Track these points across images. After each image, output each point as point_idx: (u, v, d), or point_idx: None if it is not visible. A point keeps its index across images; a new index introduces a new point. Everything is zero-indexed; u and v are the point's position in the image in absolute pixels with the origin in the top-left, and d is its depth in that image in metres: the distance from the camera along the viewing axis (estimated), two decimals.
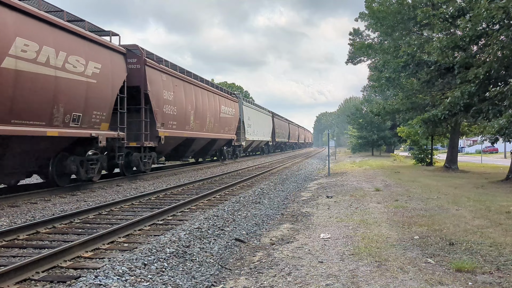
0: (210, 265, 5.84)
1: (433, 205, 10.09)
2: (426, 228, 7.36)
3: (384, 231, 7.24)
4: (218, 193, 12.78)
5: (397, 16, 22.46)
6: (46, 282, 4.98)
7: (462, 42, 15.20)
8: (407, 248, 6.09)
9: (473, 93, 14.62)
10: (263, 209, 10.37)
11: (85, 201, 10.96)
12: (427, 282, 4.63)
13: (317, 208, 10.27)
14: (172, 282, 5.01)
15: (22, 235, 7.14)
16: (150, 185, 14.77)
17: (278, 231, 7.84)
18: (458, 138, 27.14)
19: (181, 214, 9.51)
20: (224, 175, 19.17)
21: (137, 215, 9.11)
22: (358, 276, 4.90)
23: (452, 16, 16.78)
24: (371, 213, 9.15)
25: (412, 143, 30.89)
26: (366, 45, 29.26)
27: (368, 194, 12.46)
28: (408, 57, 18.35)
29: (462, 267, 5.06)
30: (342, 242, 6.55)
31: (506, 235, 6.79)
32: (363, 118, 49.99)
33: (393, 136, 46.88)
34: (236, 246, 6.89)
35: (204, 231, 7.42)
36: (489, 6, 13.35)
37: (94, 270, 5.19)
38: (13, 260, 5.80)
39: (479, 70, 14.18)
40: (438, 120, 17.09)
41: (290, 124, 67.50)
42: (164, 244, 6.30)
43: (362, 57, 41.28)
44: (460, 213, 8.87)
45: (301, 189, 15.15)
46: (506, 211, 9.00)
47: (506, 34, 13.27)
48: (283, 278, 4.96)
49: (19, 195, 11.12)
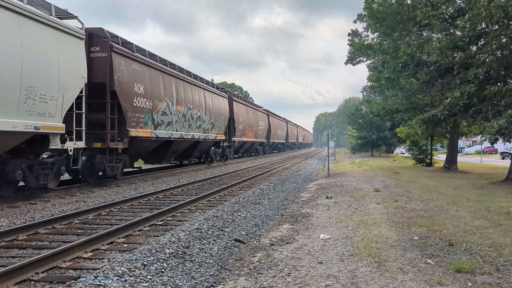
0: (209, 266, 5.84)
1: (432, 205, 10.09)
2: (426, 229, 7.36)
3: (383, 232, 7.24)
4: (218, 193, 12.79)
5: (396, 16, 22.44)
6: (45, 283, 4.97)
7: (462, 43, 15.20)
8: (406, 249, 6.09)
9: (473, 93, 14.63)
10: (263, 209, 10.37)
11: (84, 202, 10.95)
12: (426, 283, 4.63)
13: (317, 208, 10.27)
14: (171, 283, 5.01)
15: (22, 235, 7.14)
16: (150, 186, 14.77)
17: (277, 232, 7.84)
18: (458, 139, 27.16)
19: (181, 214, 9.51)
20: (222, 175, 19.14)
21: (137, 215, 9.11)
22: (357, 276, 4.89)
23: (451, 16, 16.79)
24: (370, 213, 9.15)
25: (412, 144, 30.91)
26: (365, 45, 29.28)
27: (368, 194, 12.46)
28: (408, 57, 18.36)
29: (462, 267, 5.06)
30: (342, 243, 6.55)
31: (506, 235, 6.79)
32: (362, 119, 50.00)
33: (393, 136, 46.88)
34: (236, 247, 6.89)
35: (203, 232, 7.42)
36: (488, 5, 13.36)
37: (94, 270, 5.19)
38: (13, 260, 5.80)
39: (479, 70, 14.19)
40: (438, 120, 17.10)
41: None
42: (164, 244, 6.30)
43: (362, 58, 41.27)
44: (460, 214, 8.87)
45: (300, 190, 15.15)
46: (506, 212, 9.00)
47: (505, 33, 13.27)
48: (282, 278, 4.96)
49: (18, 195, 11.11)
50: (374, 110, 25.41)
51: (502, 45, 13.76)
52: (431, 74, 17.89)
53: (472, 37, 14.68)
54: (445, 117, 16.55)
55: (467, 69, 15.48)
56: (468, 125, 25.68)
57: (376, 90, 37.78)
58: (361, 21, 31.37)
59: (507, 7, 12.75)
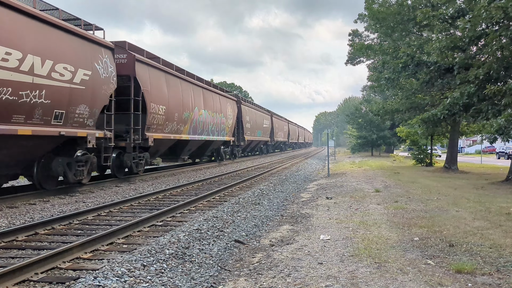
0: (209, 266, 5.83)
1: (433, 206, 10.08)
2: (426, 230, 7.35)
3: (384, 233, 7.23)
4: (218, 194, 12.78)
5: (396, 17, 22.47)
6: (45, 283, 4.97)
7: (462, 43, 15.20)
8: (407, 250, 6.08)
9: (473, 93, 14.62)
10: (263, 210, 10.36)
11: (84, 202, 10.94)
12: (426, 284, 4.62)
13: (317, 209, 10.26)
14: (171, 283, 5.00)
15: (21, 236, 7.13)
16: (149, 186, 14.75)
17: (277, 232, 7.83)
18: (458, 139, 27.14)
19: (181, 215, 9.50)
20: (222, 175, 19.15)
21: (136, 216, 9.10)
22: (357, 277, 4.89)
23: (451, 17, 16.79)
24: (370, 214, 9.14)
25: (412, 143, 30.89)
26: (365, 46, 29.27)
27: (368, 195, 12.45)
28: (408, 57, 18.34)
29: (462, 268, 5.05)
30: (342, 244, 6.54)
31: (506, 236, 6.78)
32: (362, 118, 50.00)
33: (393, 136, 46.86)
34: (236, 247, 6.88)
35: (203, 233, 7.41)
36: (488, 6, 13.35)
37: (93, 271, 5.18)
38: (12, 261, 5.79)
39: (479, 71, 14.18)
40: (438, 119, 17.09)
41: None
42: (164, 245, 6.29)
43: (362, 58, 41.25)
44: (460, 215, 8.86)
45: (300, 190, 15.14)
46: (506, 213, 8.99)
47: (505, 34, 13.26)
48: (282, 279, 4.95)
49: (18, 195, 11.10)
50: (374, 110, 25.42)
51: (502, 45, 13.75)
52: (431, 74, 17.88)
53: (472, 38, 14.67)
54: (445, 116, 16.53)
55: (467, 70, 15.48)
56: (468, 124, 25.66)
57: (376, 90, 37.79)
58: (361, 21, 31.35)
59: (507, 8, 12.74)
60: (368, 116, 46.04)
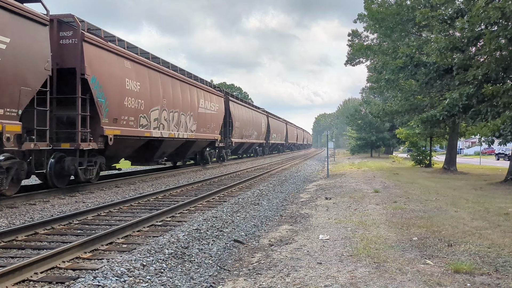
0: (208, 266, 5.85)
1: (431, 206, 10.10)
2: (425, 230, 7.37)
3: (382, 233, 7.24)
4: (217, 194, 12.80)
5: (396, 17, 22.51)
6: (45, 283, 4.97)
7: (460, 44, 15.22)
8: (405, 250, 6.09)
9: (472, 94, 14.65)
10: (262, 210, 10.38)
11: (83, 202, 10.95)
12: (425, 283, 4.64)
13: (316, 209, 10.27)
14: (170, 283, 5.02)
15: (21, 236, 7.14)
16: (149, 187, 14.77)
17: (277, 232, 7.85)
18: (457, 140, 27.17)
19: (180, 215, 9.51)
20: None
21: (136, 216, 9.11)
22: (356, 277, 4.90)
23: (450, 17, 16.81)
24: (369, 214, 9.16)
25: (411, 145, 30.92)
26: (365, 46, 29.33)
27: (367, 195, 12.47)
28: (407, 58, 18.39)
29: (461, 268, 5.07)
30: (341, 243, 6.56)
31: (505, 236, 6.80)
32: (362, 119, 50.05)
33: (392, 137, 46.89)
34: (235, 247, 6.90)
35: (202, 232, 7.42)
36: (486, 6, 13.38)
37: (93, 271, 5.19)
38: (12, 261, 5.80)
39: (478, 71, 14.21)
40: (436, 120, 17.11)
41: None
42: (163, 245, 6.30)
43: (361, 58, 41.32)
44: (459, 215, 8.88)
45: (300, 191, 15.16)
46: (505, 213, 9.01)
47: (503, 34, 13.29)
48: (281, 279, 4.97)
49: (18, 196, 11.10)
50: (374, 111, 25.43)
51: (501, 46, 13.78)
52: (430, 75, 17.92)
53: (470, 38, 14.70)
54: (444, 117, 16.56)
55: (466, 70, 15.51)
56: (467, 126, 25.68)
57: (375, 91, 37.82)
58: (361, 21, 31.40)
59: (505, 8, 12.77)
60: (368, 118, 46.05)
